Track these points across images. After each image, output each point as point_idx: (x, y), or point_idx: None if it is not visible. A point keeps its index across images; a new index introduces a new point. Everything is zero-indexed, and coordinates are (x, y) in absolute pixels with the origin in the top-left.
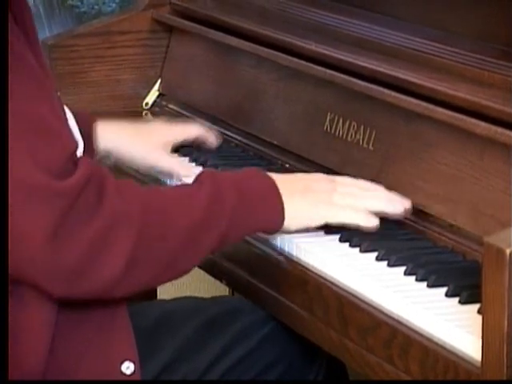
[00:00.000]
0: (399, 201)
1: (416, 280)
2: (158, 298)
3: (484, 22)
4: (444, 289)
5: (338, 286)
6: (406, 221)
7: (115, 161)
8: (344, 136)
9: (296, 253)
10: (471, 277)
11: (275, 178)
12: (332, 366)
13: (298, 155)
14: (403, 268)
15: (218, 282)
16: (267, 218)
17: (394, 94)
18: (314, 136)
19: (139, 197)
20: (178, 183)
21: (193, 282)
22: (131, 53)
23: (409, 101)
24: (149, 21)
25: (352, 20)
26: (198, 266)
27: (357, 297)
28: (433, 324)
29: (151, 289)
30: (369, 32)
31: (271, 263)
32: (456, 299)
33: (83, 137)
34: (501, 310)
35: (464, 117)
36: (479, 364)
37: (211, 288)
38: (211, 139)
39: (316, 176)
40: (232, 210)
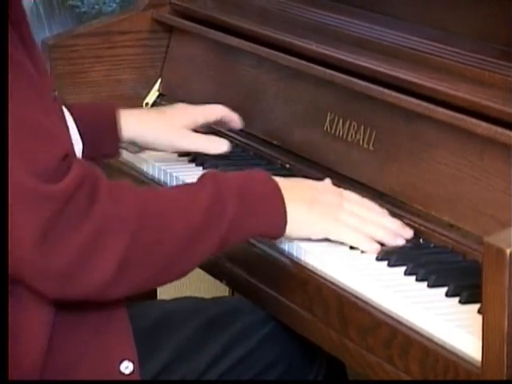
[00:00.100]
0: (401, 232)
1: (416, 280)
2: (158, 299)
3: (484, 22)
4: (444, 289)
5: (338, 286)
6: (406, 221)
7: (142, 147)
8: (344, 136)
9: (296, 253)
10: (471, 277)
11: (279, 182)
12: (332, 366)
13: (298, 155)
14: (403, 268)
15: (218, 282)
16: (268, 221)
17: (395, 94)
18: (314, 136)
19: (135, 199)
20: (180, 183)
21: (193, 282)
22: (131, 53)
23: (409, 101)
24: (149, 21)
25: (352, 20)
26: (198, 266)
27: (357, 297)
28: (433, 324)
29: (151, 289)
30: (369, 32)
31: (271, 263)
32: (456, 299)
33: (106, 128)
34: (501, 310)
35: (464, 117)
36: (479, 364)
37: (211, 288)
38: (236, 120)
39: (323, 186)
40: (233, 213)
